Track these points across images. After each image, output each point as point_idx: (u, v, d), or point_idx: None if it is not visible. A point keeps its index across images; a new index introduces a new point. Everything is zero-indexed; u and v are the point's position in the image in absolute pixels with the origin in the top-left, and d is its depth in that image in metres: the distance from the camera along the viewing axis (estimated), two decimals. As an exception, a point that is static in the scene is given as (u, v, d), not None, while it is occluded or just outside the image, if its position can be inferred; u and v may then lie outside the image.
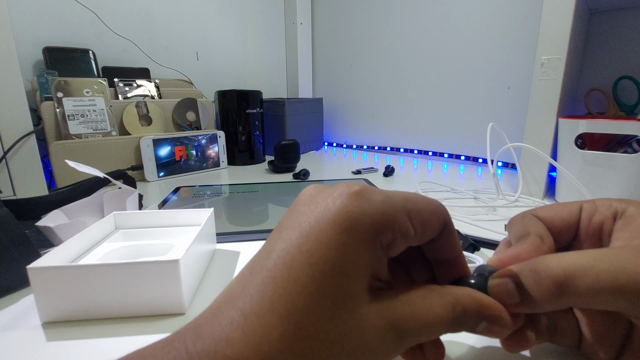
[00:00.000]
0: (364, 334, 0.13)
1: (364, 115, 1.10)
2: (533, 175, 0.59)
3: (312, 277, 0.13)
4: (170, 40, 0.94)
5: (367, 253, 0.14)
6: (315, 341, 0.12)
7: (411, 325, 0.15)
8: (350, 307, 0.13)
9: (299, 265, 0.13)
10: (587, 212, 0.20)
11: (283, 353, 0.12)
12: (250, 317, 0.12)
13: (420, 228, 0.16)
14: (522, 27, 0.75)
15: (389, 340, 0.14)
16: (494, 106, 0.83)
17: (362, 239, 0.14)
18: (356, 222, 0.14)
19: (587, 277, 0.15)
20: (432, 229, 0.17)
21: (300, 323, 0.12)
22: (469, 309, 0.16)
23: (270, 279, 0.13)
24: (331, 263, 0.13)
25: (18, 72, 0.54)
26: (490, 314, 0.17)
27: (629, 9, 0.64)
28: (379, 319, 0.14)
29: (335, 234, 0.14)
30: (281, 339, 0.12)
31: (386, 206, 0.15)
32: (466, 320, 0.16)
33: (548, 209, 0.22)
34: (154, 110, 0.77)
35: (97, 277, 0.26)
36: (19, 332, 0.25)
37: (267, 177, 0.76)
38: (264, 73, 1.18)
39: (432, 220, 0.17)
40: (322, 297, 0.13)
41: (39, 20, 0.73)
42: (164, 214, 0.38)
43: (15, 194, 0.55)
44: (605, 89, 0.66)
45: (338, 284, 0.13)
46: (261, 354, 0.12)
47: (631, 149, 0.52)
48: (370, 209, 0.14)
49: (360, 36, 1.06)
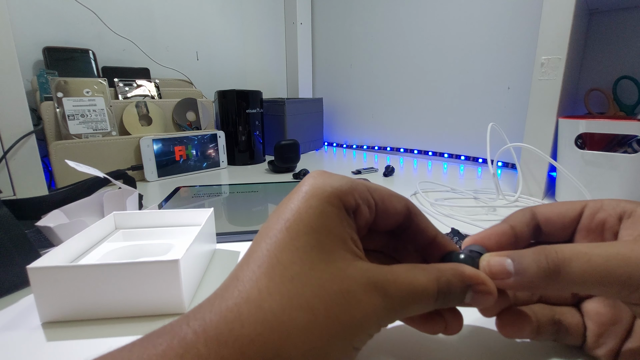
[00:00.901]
0: (344, 282, 0.15)
1: (364, 115, 1.10)
2: (533, 175, 0.59)
3: (289, 236, 0.15)
4: (170, 40, 0.94)
5: (334, 214, 0.16)
6: (297, 284, 0.14)
7: (395, 289, 0.16)
8: (325, 258, 0.15)
9: (278, 230, 0.16)
10: (591, 210, 0.20)
11: (271, 295, 0.14)
12: (242, 278, 0.15)
13: (381, 204, 0.19)
14: (522, 27, 0.75)
15: (375, 296, 0.15)
16: (494, 106, 0.83)
17: (327, 202, 0.16)
18: (320, 189, 0.16)
19: (581, 260, 0.16)
20: (394, 208, 0.19)
21: (284, 272, 0.14)
22: (453, 279, 0.17)
23: (258, 249, 0.16)
24: (303, 223, 0.15)
25: (18, 72, 0.54)
26: (473, 282, 0.18)
27: (629, 9, 0.64)
28: (362, 276, 0.15)
29: (304, 200, 0.16)
30: (268, 285, 0.14)
31: (345, 178, 0.18)
32: (452, 291, 0.17)
33: (549, 205, 0.22)
34: (154, 110, 0.77)
35: (97, 277, 0.26)
36: (19, 332, 0.25)
37: (267, 177, 0.76)
38: (264, 73, 1.18)
39: (393, 201, 0.19)
40: (300, 251, 0.15)
41: (39, 20, 0.73)
42: (164, 214, 0.38)
43: (15, 194, 0.55)
44: (605, 89, 0.66)
45: (312, 240, 0.15)
46: (251, 299, 0.14)
47: (631, 149, 0.52)
48: (332, 180, 0.17)
49: (360, 36, 1.06)
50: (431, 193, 0.62)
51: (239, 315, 0.13)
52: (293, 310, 0.13)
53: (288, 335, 0.13)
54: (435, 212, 0.52)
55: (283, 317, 0.13)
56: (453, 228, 0.41)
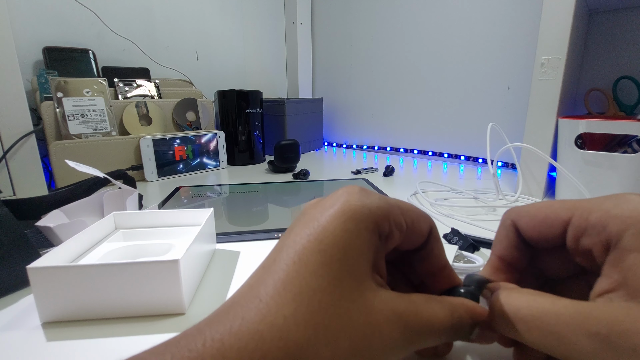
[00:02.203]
0: (371, 314, 0.14)
1: (364, 115, 1.10)
2: (533, 175, 0.59)
3: (321, 260, 0.14)
4: (170, 40, 0.94)
5: (369, 240, 0.15)
6: (325, 315, 0.13)
7: (417, 323, 0.16)
8: (356, 287, 0.14)
9: (309, 251, 0.14)
10: (575, 230, 0.18)
11: (298, 326, 0.13)
12: (265, 299, 0.13)
13: (411, 225, 0.18)
14: (522, 27, 0.75)
15: (396, 329, 0.15)
16: (494, 106, 0.83)
17: (363, 227, 0.15)
18: (358, 212, 0.16)
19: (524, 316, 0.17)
20: (420, 230, 0.19)
21: (312, 300, 0.13)
22: (464, 316, 0.18)
23: (284, 266, 0.14)
24: (337, 248, 0.14)
25: (18, 72, 0.54)
26: (482, 319, 0.18)
27: (629, 9, 0.64)
28: (386, 307, 0.15)
29: (340, 222, 0.15)
30: (295, 314, 0.13)
31: (382, 201, 0.17)
32: (462, 327, 0.18)
33: (531, 216, 0.20)
34: (154, 110, 0.77)
35: (97, 277, 0.26)
36: (19, 332, 0.25)
37: (267, 177, 0.76)
38: (264, 73, 1.18)
39: (421, 221, 0.19)
40: (331, 278, 0.14)
41: (39, 20, 0.73)
42: (164, 214, 0.38)
43: (15, 194, 0.55)
44: (605, 89, 0.66)
45: (345, 266, 0.14)
46: (276, 328, 0.13)
47: (631, 149, 0.52)
48: (369, 202, 0.16)
49: (360, 36, 1.06)
50: (431, 193, 0.62)
51: (261, 345, 0.12)
52: (319, 344, 0.13)
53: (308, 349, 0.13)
54: (435, 212, 0.52)
55: (308, 352, 0.13)
56: (453, 228, 0.41)
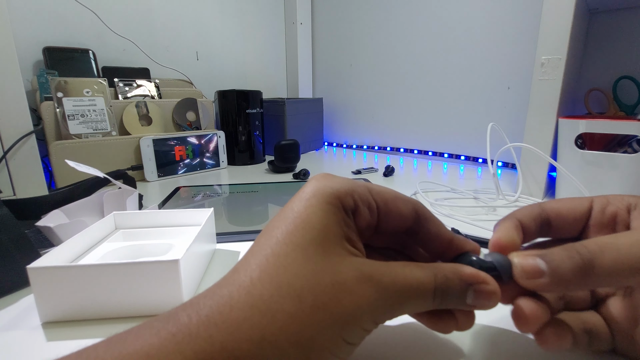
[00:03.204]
0: (338, 275, 0.15)
1: (364, 115, 1.10)
2: (533, 175, 0.59)
3: (286, 231, 0.16)
4: (170, 40, 0.94)
5: (332, 213, 0.17)
6: (289, 275, 0.15)
7: (389, 282, 0.16)
8: (321, 252, 0.15)
9: (278, 227, 0.16)
10: (600, 204, 0.21)
11: (263, 284, 0.14)
12: (237, 267, 0.16)
13: (384, 205, 0.19)
14: (522, 27, 0.75)
15: (368, 289, 0.15)
16: (494, 106, 0.83)
17: (326, 201, 0.17)
18: (321, 190, 0.17)
19: (611, 251, 0.16)
20: (399, 211, 0.19)
21: (276, 263, 0.15)
22: (451, 277, 0.17)
23: (256, 242, 0.17)
24: (301, 219, 0.16)
25: (18, 72, 0.54)
26: (474, 281, 0.17)
27: (629, 9, 0.64)
28: (355, 269, 0.16)
29: (303, 199, 0.17)
30: (260, 275, 0.15)
31: (346, 180, 0.18)
32: (451, 290, 0.17)
33: (557, 200, 0.22)
34: (154, 110, 0.77)
35: (97, 277, 0.26)
36: (19, 332, 0.25)
37: (267, 177, 0.76)
38: (264, 73, 1.18)
39: (398, 203, 0.19)
40: (295, 245, 0.15)
41: (39, 20, 0.73)
42: (164, 214, 0.38)
43: (15, 194, 0.55)
44: (605, 89, 0.66)
45: (308, 235, 0.16)
46: (243, 287, 0.14)
47: (631, 149, 0.52)
48: (332, 182, 0.18)
49: (360, 36, 1.06)
50: (431, 193, 0.62)
51: (229, 300, 0.14)
52: (281, 297, 0.14)
53: (274, 321, 0.13)
54: (435, 212, 0.52)
55: (271, 304, 0.14)
56: (453, 228, 0.41)
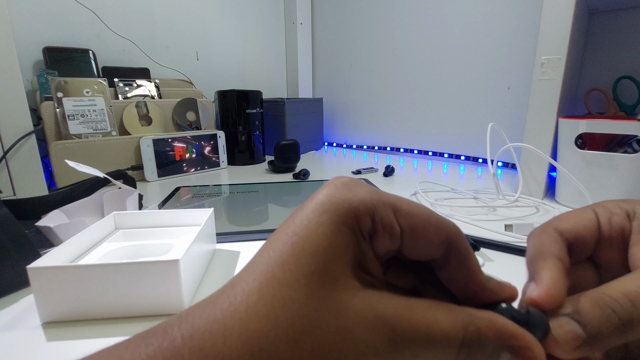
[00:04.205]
0: (344, 317, 0.13)
1: (364, 115, 1.10)
2: (533, 175, 0.59)
3: (292, 253, 0.14)
4: (170, 40, 0.94)
5: (346, 236, 0.14)
6: (288, 311, 0.13)
7: (407, 329, 0.13)
8: (328, 285, 0.13)
9: (282, 243, 0.14)
10: (604, 217, 0.18)
11: (259, 317, 0.12)
12: (237, 287, 0.13)
13: (410, 232, 0.15)
14: (522, 27, 0.75)
15: (377, 336, 0.13)
16: (494, 106, 0.83)
17: (340, 221, 0.14)
18: (336, 205, 0.14)
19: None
20: (428, 240, 0.16)
21: (277, 293, 0.13)
22: (486, 331, 0.14)
23: (258, 256, 0.14)
24: (309, 241, 0.14)
25: (18, 72, 0.54)
26: (515, 344, 0.14)
27: (629, 9, 0.64)
28: (366, 308, 0.13)
29: (316, 215, 0.14)
30: (257, 304, 0.13)
31: (367, 195, 0.15)
32: (482, 346, 0.14)
33: (566, 219, 0.19)
34: (154, 110, 0.77)
35: (97, 277, 0.26)
36: (19, 332, 0.25)
37: (267, 177, 0.76)
38: (264, 73, 1.18)
39: (429, 230, 0.16)
40: (300, 273, 0.13)
41: (39, 20, 0.73)
42: (164, 214, 0.38)
43: (15, 194, 0.55)
44: (605, 89, 0.66)
45: (317, 262, 0.13)
46: (237, 315, 0.13)
47: (631, 149, 0.52)
48: (351, 196, 0.15)
49: (360, 36, 1.06)
50: (431, 193, 0.62)
51: (223, 330, 0.12)
52: (277, 339, 0.12)
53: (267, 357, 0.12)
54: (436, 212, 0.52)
55: (266, 344, 0.12)
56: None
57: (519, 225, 0.43)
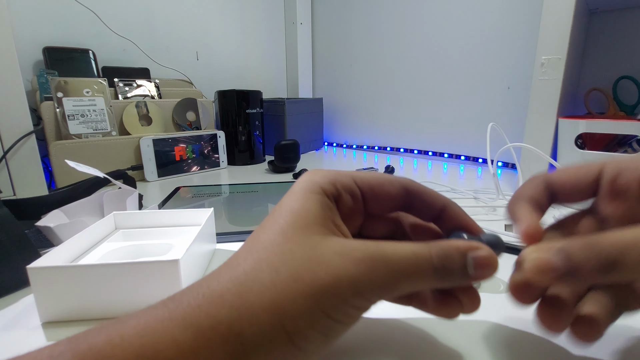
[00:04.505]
0: (317, 249, 0.16)
1: (364, 115, 1.10)
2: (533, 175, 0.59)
3: (272, 219, 0.18)
4: (170, 40, 0.94)
5: (314, 199, 0.18)
6: (267, 253, 0.16)
7: (376, 253, 0.16)
8: (301, 232, 0.17)
9: (267, 219, 0.18)
10: (610, 174, 0.20)
11: (245, 261, 0.16)
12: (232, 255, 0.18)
13: (369, 189, 0.20)
14: (522, 27, 0.75)
15: (349, 261, 0.15)
16: (494, 106, 0.83)
17: (309, 190, 0.18)
18: (305, 182, 0.19)
19: (635, 251, 0.15)
20: (387, 193, 0.20)
21: (258, 245, 0.17)
22: (447, 248, 0.17)
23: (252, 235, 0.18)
24: (285, 208, 0.18)
25: (18, 72, 0.54)
26: (469, 249, 0.17)
27: (629, 9, 0.64)
28: (337, 244, 0.16)
29: (290, 192, 0.19)
30: (245, 256, 0.17)
31: (330, 171, 0.20)
32: (450, 261, 0.17)
33: (564, 170, 0.21)
34: (154, 110, 0.77)
35: (97, 277, 0.26)
36: (19, 332, 0.25)
37: (267, 177, 0.76)
38: (264, 73, 1.18)
39: (385, 186, 0.20)
40: (277, 229, 0.17)
41: (39, 20, 0.73)
42: (164, 214, 0.38)
43: (15, 194, 0.55)
44: (605, 89, 0.66)
45: (290, 218, 0.17)
46: (227, 265, 0.17)
47: (631, 149, 0.52)
48: (317, 175, 0.19)
49: (360, 36, 1.06)
50: (431, 193, 0.62)
51: (217, 277, 0.16)
52: (259, 270, 0.15)
53: (251, 290, 0.15)
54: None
55: (250, 276, 0.15)
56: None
57: (519, 225, 0.43)
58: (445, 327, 0.25)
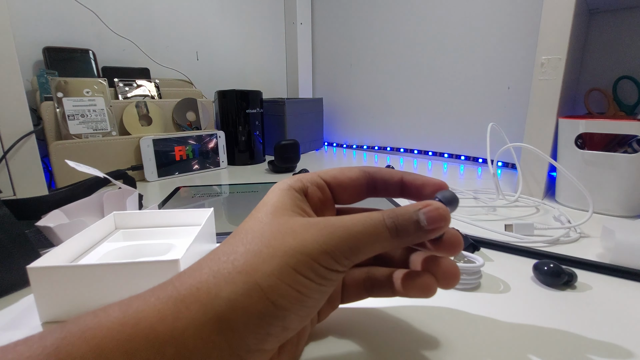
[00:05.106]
0: (288, 224, 0.18)
1: (364, 115, 1.10)
2: (533, 175, 0.59)
3: (251, 214, 0.20)
4: (170, 40, 0.94)
5: (285, 195, 0.21)
6: (243, 233, 0.19)
7: (337, 222, 0.18)
8: (271, 217, 0.19)
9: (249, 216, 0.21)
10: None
11: (227, 243, 0.19)
12: None
13: (333, 179, 0.23)
14: (522, 27, 0.75)
15: (314, 231, 0.18)
16: (494, 106, 0.83)
17: (280, 189, 0.21)
18: (279, 183, 0.22)
19: None
20: (348, 178, 0.23)
21: (237, 233, 0.19)
22: (398, 210, 0.19)
23: None
24: (266, 201, 0.20)
25: (18, 72, 0.54)
26: (419, 207, 0.19)
27: (629, 9, 0.64)
28: (304, 219, 0.19)
29: (270, 191, 0.21)
30: (228, 241, 0.19)
31: (299, 175, 0.23)
32: (401, 217, 0.19)
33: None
34: (154, 110, 0.77)
35: (97, 277, 0.26)
36: (19, 332, 0.25)
37: (267, 177, 0.76)
38: (264, 73, 1.18)
39: (345, 172, 0.23)
40: (254, 218, 0.19)
41: (39, 20, 0.73)
42: (164, 214, 0.38)
43: (15, 194, 0.55)
44: (605, 89, 0.66)
45: (263, 209, 0.20)
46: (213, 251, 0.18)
47: (631, 149, 0.52)
48: (290, 178, 0.22)
49: (360, 36, 1.06)
50: (431, 193, 0.62)
51: (204, 258, 0.18)
52: (237, 245, 0.18)
53: (228, 260, 0.17)
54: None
55: (226, 250, 0.18)
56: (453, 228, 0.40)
57: (519, 225, 0.43)
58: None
